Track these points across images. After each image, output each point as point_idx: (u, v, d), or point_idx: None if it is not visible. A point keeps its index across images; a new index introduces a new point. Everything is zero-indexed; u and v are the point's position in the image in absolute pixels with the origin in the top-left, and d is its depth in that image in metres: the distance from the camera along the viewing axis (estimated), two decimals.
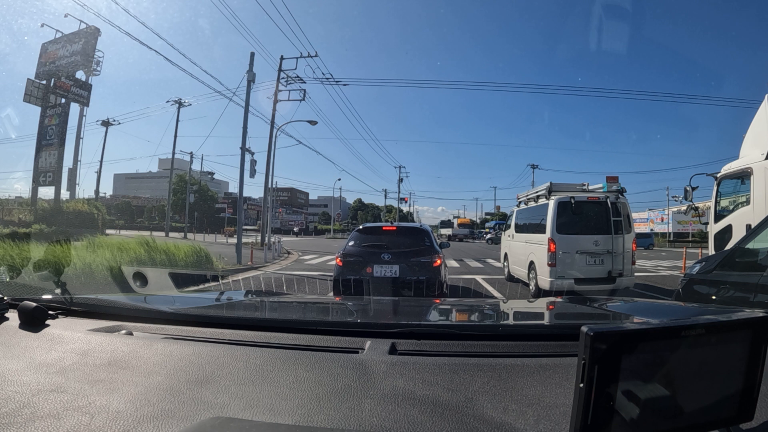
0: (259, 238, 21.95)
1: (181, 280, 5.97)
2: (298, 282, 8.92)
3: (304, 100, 21.43)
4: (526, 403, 0.78)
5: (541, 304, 2.42)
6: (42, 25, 20.47)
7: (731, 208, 7.35)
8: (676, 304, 2.72)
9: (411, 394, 0.80)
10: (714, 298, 3.54)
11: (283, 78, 21.07)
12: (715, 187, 7.73)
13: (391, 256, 5.67)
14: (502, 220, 28.27)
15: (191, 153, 39.32)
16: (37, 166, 17.67)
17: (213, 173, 53.60)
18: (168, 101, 34.13)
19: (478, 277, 10.88)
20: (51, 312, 1.23)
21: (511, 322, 1.65)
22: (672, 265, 15.07)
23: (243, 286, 7.35)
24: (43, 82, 18.23)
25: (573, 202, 7.42)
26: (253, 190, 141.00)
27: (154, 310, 1.36)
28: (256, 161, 20.82)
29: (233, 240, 18.15)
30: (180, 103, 32.35)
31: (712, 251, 7.24)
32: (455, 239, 37.65)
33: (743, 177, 7.08)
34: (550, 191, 7.88)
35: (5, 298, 1.24)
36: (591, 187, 8.37)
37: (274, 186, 30.26)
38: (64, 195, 19.38)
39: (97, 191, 33.50)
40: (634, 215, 12.12)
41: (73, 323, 1.22)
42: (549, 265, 7.30)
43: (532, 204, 8.78)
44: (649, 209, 43.48)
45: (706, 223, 8.18)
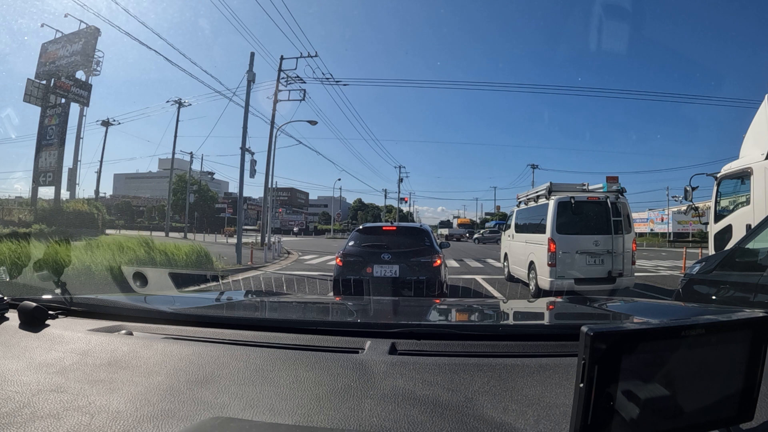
0: (259, 238, 21.95)
1: (181, 280, 5.97)
2: (298, 282, 8.92)
3: (304, 100, 21.48)
4: (526, 403, 0.78)
5: (541, 304, 2.42)
6: (42, 25, 20.52)
7: (731, 208, 7.35)
8: (676, 304, 2.72)
9: (411, 394, 0.80)
10: (714, 298, 3.54)
11: (283, 78, 21.10)
12: (715, 187, 7.73)
13: (391, 256, 5.67)
14: (502, 220, 28.26)
15: (191, 153, 39.45)
16: (37, 166, 17.68)
17: (213, 173, 53.71)
18: (168, 101, 34.17)
19: (478, 277, 10.88)
20: (51, 312, 1.23)
21: (511, 322, 1.65)
22: (672, 265, 15.05)
23: (243, 286, 7.35)
24: (43, 82, 18.24)
25: (573, 202, 7.42)
26: (253, 190, 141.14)
27: (154, 310, 1.36)
28: (256, 161, 20.85)
29: (233, 240, 18.15)
30: (180, 103, 32.38)
31: (712, 251, 7.24)
32: (452, 239, 38.28)
33: (743, 177, 7.08)
34: (550, 191, 7.88)
35: (5, 298, 1.24)
36: (591, 187, 8.37)
37: (274, 186, 30.29)
38: (64, 195, 19.42)
39: (97, 191, 33.58)
40: (634, 215, 12.12)
41: (73, 323, 1.22)
42: (549, 265, 7.30)
43: (532, 204, 8.78)
44: (649, 209, 43.43)
45: (706, 223, 8.17)
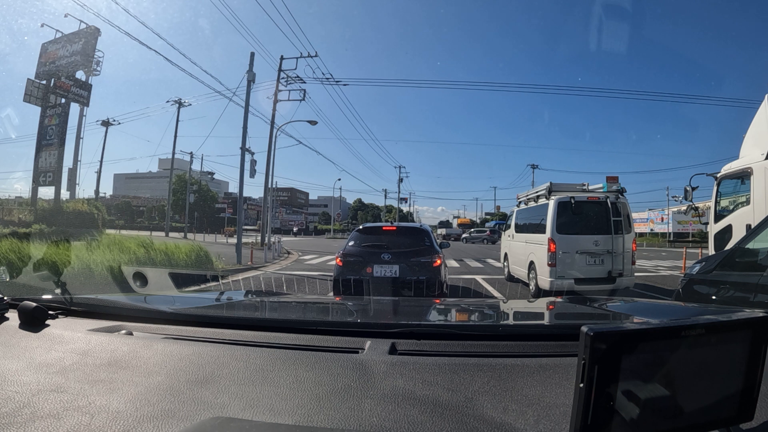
0: (259, 238, 21.95)
1: (181, 280, 5.97)
2: (298, 282, 8.92)
3: (304, 100, 21.49)
4: (526, 403, 0.78)
5: (541, 304, 2.42)
6: (42, 25, 20.40)
7: (731, 208, 7.35)
8: (676, 304, 2.72)
9: (411, 394, 0.80)
10: (714, 298, 3.54)
11: (283, 78, 21.11)
12: (715, 187, 7.73)
13: (391, 256, 5.67)
14: (502, 220, 28.24)
15: (191, 153, 39.44)
16: (37, 166, 17.65)
17: (213, 173, 53.63)
18: (168, 101, 34.16)
19: (478, 277, 10.87)
20: (51, 312, 1.23)
21: (511, 322, 1.65)
22: (672, 265, 15.05)
23: (243, 286, 7.35)
24: (43, 82, 18.20)
25: (573, 202, 7.42)
26: (253, 190, 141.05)
27: (154, 310, 1.36)
28: (256, 161, 20.87)
29: (233, 240, 18.15)
30: (180, 103, 32.36)
31: (712, 251, 7.24)
32: (450, 238, 38.62)
33: (743, 177, 7.08)
34: (550, 191, 7.88)
35: (5, 298, 1.24)
36: (591, 187, 8.37)
37: (274, 186, 30.29)
38: (64, 195, 19.36)
39: (97, 191, 33.56)
40: (634, 215, 12.12)
41: (73, 323, 1.22)
42: (549, 265, 7.30)
43: (532, 204, 8.78)
44: (649, 209, 43.44)
45: (706, 223, 8.17)
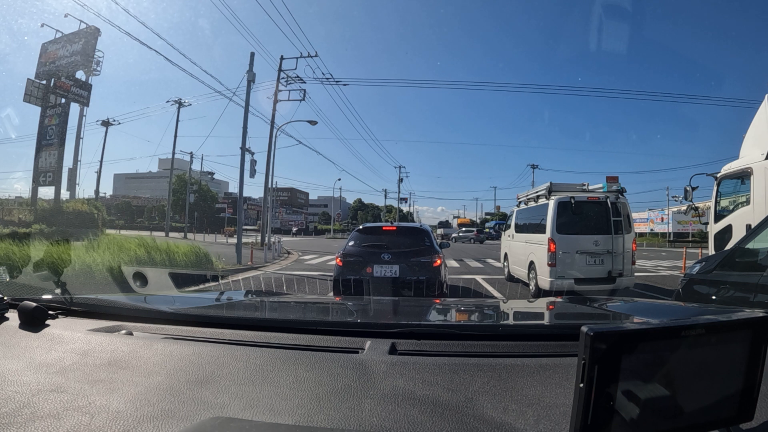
0: (259, 238, 21.96)
1: (181, 280, 5.98)
2: (298, 282, 8.92)
3: (304, 100, 21.51)
4: (526, 403, 0.78)
5: (541, 304, 2.42)
6: (42, 25, 20.47)
7: (731, 208, 7.35)
8: (676, 304, 2.72)
9: (411, 394, 0.80)
10: (714, 298, 3.54)
11: (283, 78, 21.11)
12: (715, 187, 7.73)
13: (391, 256, 5.67)
14: (502, 220, 28.29)
15: (191, 153, 39.50)
16: (37, 166, 17.66)
17: (213, 173, 53.72)
18: (168, 101, 34.19)
19: (478, 277, 10.87)
20: (51, 312, 1.23)
21: (511, 322, 1.64)
22: (672, 265, 15.04)
23: (243, 286, 7.35)
24: (43, 82, 18.21)
25: (573, 202, 7.42)
26: (253, 190, 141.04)
27: (154, 310, 1.36)
28: (256, 161, 20.88)
29: (233, 240, 18.14)
30: (180, 103, 32.39)
31: (712, 251, 7.24)
32: (447, 238, 38.79)
33: (743, 177, 7.08)
34: (550, 191, 7.88)
35: (5, 298, 1.24)
36: (591, 187, 8.37)
37: (274, 186, 30.29)
38: (64, 195, 19.38)
39: (97, 191, 33.61)
40: (634, 215, 12.12)
41: (73, 323, 1.22)
42: (549, 265, 7.30)
43: (532, 204, 8.78)
44: (649, 209, 43.42)
45: (706, 223, 8.17)
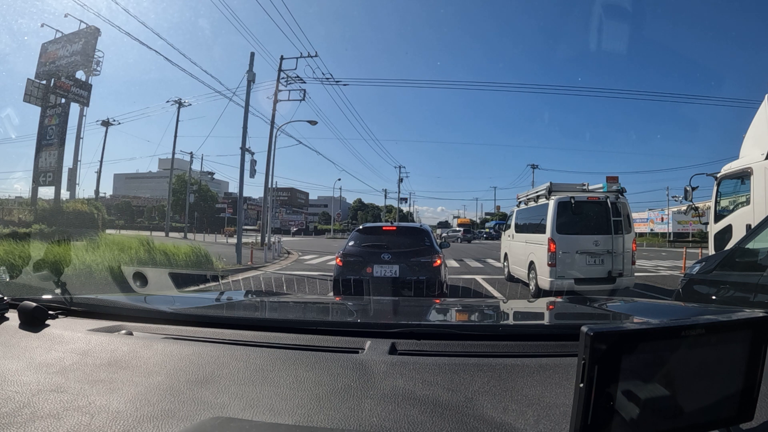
0: (259, 238, 21.96)
1: (181, 280, 5.98)
2: (298, 282, 8.92)
3: (304, 100, 21.51)
4: (526, 403, 0.78)
5: (541, 304, 2.42)
6: (42, 25, 20.39)
7: (731, 208, 7.35)
8: (676, 304, 2.72)
9: (411, 394, 0.80)
10: (714, 298, 3.54)
11: (283, 78, 21.11)
12: (715, 187, 7.73)
13: (391, 256, 5.67)
14: (502, 220, 28.30)
15: (191, 153, 39.52)
16: (37, 166, 17.64)
17: (213, 173, 53.71)
18: (168, 101, 34.21)
19: (478, 277, 10.87)
20: (51, 312, 1.23)
21: (511, 322, 1.64)
22: (672, 265, 15.04)
23: (243, 286, 7.36)
24: (43, 82, 18.19)
25: (573, 202, 7.42)
26: (253, 190, 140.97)
27: (154, 310, 1.36)
28: (256, 161, 20.88)
29: (233, 240, 18.14)
30: (180, 103, 32.40)
31: (712, 251, 7.24)
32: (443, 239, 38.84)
33: (743, 177, 7.08)
34: (550, 191, 7.88)
35: (5, 298, 1.24)
36: (591, 187, 8.37)
37: (274, 186, 30.29)
38: (64, 195, 19.35)
39: (97, 191, 33.56)
40: (634, 215, 12.12)
41: (73, 323, 1.22)
42: (549, 265, 7.30)
43: (532, 204, 8.78)
44: (649, 209, 43.44)
45: (706, 223, 8.17)
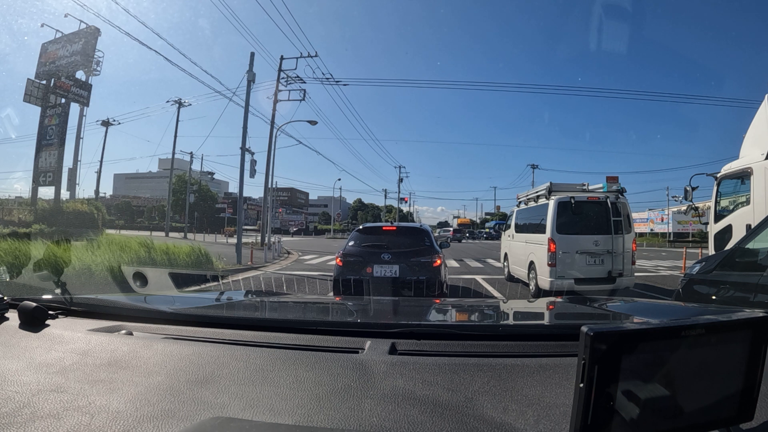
0: (259, 238, 21.96)
1: (181, 280, 5.97)
2: (298, 282, 8.92)
3: (304, 100, 21.50)
4: (526, 403, 0.78)
5: (541, 304, 2.42)
6: (42, 25, 20.46)
7: (731, 208, 7.35)
8: (676, 304, 2.71)
9: (411, 394, 0.80)
10: (714, 298, 3.54)
11: (283, 78, 21.11)
12: (715, 187, 7.73)
13: (391, 256, 5.67)
14: (502, 220, 28.30)
15: (191, 153, 39.50)
16: (37, 166, 17.65)
17: (213, 173, 53.76)
18: (168, 101, 34.22)
19: (478, 277, 10.87)
20: (51, 312, 1.23)
21: (511, 322, 1.64)
22: (672, 265, 15.04)
23: (243, 286, 7.35)
24: (43, 82, 18.21)
25: (573, 202, 7.42)
26: (253, 190, 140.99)
27: (154, 310, 1.36)
28: (256, 161, 20.87)
29: (233, 240, 18.14)
30: (180, 103, 32.39)
31: (712, 251, 7.24)
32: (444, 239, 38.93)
33: (743, 177, 7.08)
34: (550, 191, 7.88)
35: (5, 298, 1.24)
36: (591, 187, 8.37)
37: (274, 186, 30.28)
38: (64, 195, 19.37)
39: (97, 191, 33.59)
40: (634, 215, 12.12)
41: (73, 323, 1.22)
42: (549, 265, 7.30)
43: (532, 204, 8.78)
44: (649, 209, 43.47)
45: (706, 223, 8.17)
